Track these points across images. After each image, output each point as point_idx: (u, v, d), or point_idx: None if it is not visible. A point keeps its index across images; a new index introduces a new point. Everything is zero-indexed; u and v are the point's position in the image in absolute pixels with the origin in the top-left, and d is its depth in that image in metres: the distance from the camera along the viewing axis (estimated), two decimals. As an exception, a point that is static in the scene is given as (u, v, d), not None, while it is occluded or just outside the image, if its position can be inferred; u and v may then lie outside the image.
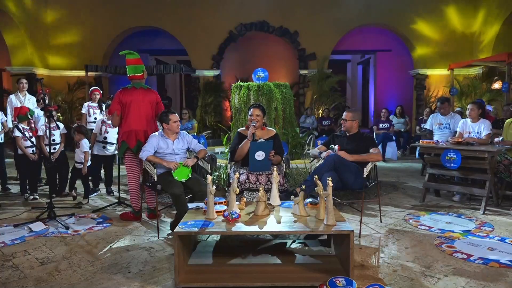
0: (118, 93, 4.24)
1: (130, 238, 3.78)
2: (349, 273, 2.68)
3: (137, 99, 4.21)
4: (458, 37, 11.06)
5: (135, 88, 4.26)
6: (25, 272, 3.02)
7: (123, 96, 4.20)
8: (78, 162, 5.23)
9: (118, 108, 4.19)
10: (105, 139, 5.44)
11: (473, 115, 5.12)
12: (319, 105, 11.38)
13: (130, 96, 4.20)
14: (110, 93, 9.88)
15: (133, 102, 4.19)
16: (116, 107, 4.19)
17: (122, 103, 4.19)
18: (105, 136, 5.44)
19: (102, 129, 5.44)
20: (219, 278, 2.77)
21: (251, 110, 4.16)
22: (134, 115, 4.19)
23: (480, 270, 2.99)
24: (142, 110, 4.23)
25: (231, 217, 2.91)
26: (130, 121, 4.19)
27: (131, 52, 4.32)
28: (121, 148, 4.24)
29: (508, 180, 4.72)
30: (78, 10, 11.05)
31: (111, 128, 5.48)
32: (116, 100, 4.21)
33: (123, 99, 4.19)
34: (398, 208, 4.80)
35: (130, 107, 4.18)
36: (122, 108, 4.20)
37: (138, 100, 4.21)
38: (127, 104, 4.18)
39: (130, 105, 4.18)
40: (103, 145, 5.44)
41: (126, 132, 4.20)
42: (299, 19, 11.15)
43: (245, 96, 6.07)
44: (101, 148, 5.44)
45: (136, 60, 4.30)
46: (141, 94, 4.25)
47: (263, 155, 3.88)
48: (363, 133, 4.32)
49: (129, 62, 4.29)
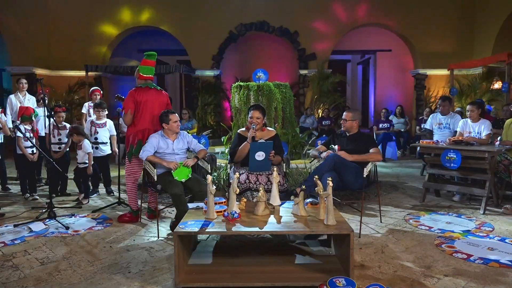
0: (132, 92, 4.18)
1: (130, 238, 3.78)
2: (349, 273, 2.68)
3: (152, 98, 4.19)
4: (458, 37, 11.06)
5: (149, 88, 4.23)
6: (25, 272, 3.02)
7: (138, 95, 4.14)
8: (81, 163, 5.21)
9: (132, 107, 4.13)
10: (96, 139, 5.43)
11: (473, 116, 5.12)
12: (319, 105, 11.38)
13: (145, 95, 4.16)
14: (109, 94, 9.89)
15: (149, 101, 4.17)
16: (130, 105, 4.13)
17: (137, 101, 4.14)
18: (95, 137, 5.42)
19: (92, 130, 5.42)
20: (219, 278, 2.77)
21: (251, 112, 4.14)
22: (148, 114, 4.16)
23: (480, 270, 2.99)
24: (156, 110, 4.21)
25: (231, 217, 2.91)
26: (144, 120, 4.15)
27: (154, 54, 4.29)
28: (136, 149, 4.13)
29: (508, 180, 4.72)
30: (78, 10, 11.05)
31: (100, 128, 5.46)
32: (131, 98, 4.14)
33: (138, 97, 4.14)
34: (398, 208, 4.80)
35: (146, 106, 4.15)
36: (136, 106, 4.15)
37: (153, 100, 4.20)
38: (142, 102, 4.14)
39: (146, 104, 4.15)
40: (95, 146, 5.42)
41: (140, 131, 4.14)
42: (299, 19, 11.15)
43: (245, 96, 6.08)
44: (94, 150, 5.39)
45: (154, 63, 4.31)
46: (155, 94, 4.24)
47: (263, 155, 3.88)
48: (363, 133, 4.32)
49: (148, 63, 4.25)
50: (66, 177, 5.57)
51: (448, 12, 10.99)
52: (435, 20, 11.01)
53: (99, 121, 5.50)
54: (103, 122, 5.51)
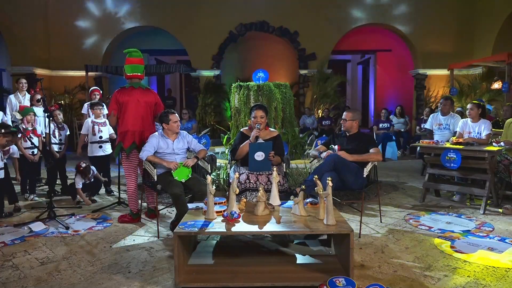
0: (115, 93, 4.17)
1: (130, 238, 3.78)
2: (349, 273, 2.68)
3: (134, 99, 4.12)
4: (458, 37, 11.06)
5: (133, 88, 4.16)
6: (25, 272, 3.02)
7: (120, 95, 4.12)
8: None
9: (115, 108, 4.12)
10: (100, 138, 5.43)
11: (473, 114, 5.11)
12: (319, 105, 11.38)
13: (127, 96, 4.11)
14: (109, 94, 9.87)
15: (130, 102, 4.10)
16: (113, 106, 4.12)
17: (119, 102, 4.11)
18: (100, 135, 5.42)
19: (95, 129, 5.41)
20: (219, 278, 2.77)
21: (254, 111, 4.12)
22: (130, 115, 4.11)
23: (480, 270, 2.99)
24: (139, 111, 4.14)
25: (231, 217, 2.90)
26: (126, 121, 4.11)
27: (136, 51, 4.20)
28: (116, 148, 4.21)
29: (508, 180, 4.72)
30: (79, 9, 11.05)
31: (103, 127, 5.46)
32: (113, 99, 4.13)
33: (120, 98, 4.11)
34: (398, 208, 4.80)
35: (127, 107, 4.10)
36: (119, 108, 4.12)
37: (135, 100, 4.12)
38: (124, 104, 4.10)
39: (127, 105, 4.10)
40: (99, 145, 5.42)
41: (122, 133, 4.14)
42: (299, 19, 11.14)
43: (245, 96, 6.08)
44: (98, 149, 5.41)
45: (139, 60, 4.21)
46: (139, 94, 4.16)
47: (263, 156, 3.88)
48: (363, 133, 4.32)
49: (132, 61, 4.17)
50: (66, 177, 5.58)
51: (448, 12, 10.98)
52: (435, 20, 11.00)
53: (99, 120, 5.50)
54: (103, 121, 5.51)
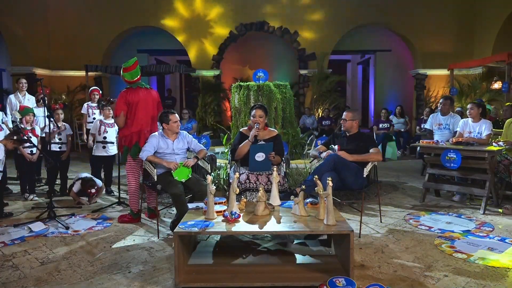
0: (123, 93, 4.11)
1: (130, 238, 3.78)
2: (349, 273, 2.68)
3: (144, 98, 4.14)
4: (458, 37, 11.05)
5: (139, 87, 4.18)
6: (25, 272, 3.02)
7: (129, 96, 4.08)
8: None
9: (125, 109, 4.07)
10: (104, 139, 5.45)
11: (473, 114, 5.11)
12: (319, 105, 11.38)
13: (137, 96, 4.10)
14: (109, 94, 9.87)
15: (141, 102, 4.11)
16: (122, 107, 4.07)
17: (129, 103, 4.07)
18: (104, 136, 5.44)
19: (101, 129, 5.44)
20: (219, 278, 2.77)
21: (253, 111, 4.13)
22: (142, 115, 4.11)
23: (480, 270, 2.99)
24: (149, 110, 4.17)
25: (231, 217, 2.90)
26: (139, 121, 4.10)
27: (126, 62, 4.14)
28: (134, 149, 4.10)
29: (508, 180, 4.72)
30: (78, 10, 11.05)
31: (110, 128, 5.48)
32: (122, 100, 4.08)
33: (130, 99, 4.07)
34: (398, 208, 4.80)
35: (138, 107, 4.08)
36: (129, 108, 4.09)
37: (145, 100, 4.14)
38: (135, 104, 4.08)
39: (138, 105, 4.09)
40: (103, 145, 5.44)
41: (136, 132, 4.09)
42: (299, 19, 11.15)
43: (245, 96, 6.08)
44: (102, 149, 5.45)
45: (135, 64, 4.16)
46: (146, 93, 4.20)
47: (263, 156, 3.89)
48: (363, 133, 4.32)
49: (129, 69, 4.11)
50: (66, 177, 5.58)
51: (448, 12, 10.98)
52: (435, 20, 11.00)
53: (108, 120, 5.51)
54: (112, 122, 5.51)
